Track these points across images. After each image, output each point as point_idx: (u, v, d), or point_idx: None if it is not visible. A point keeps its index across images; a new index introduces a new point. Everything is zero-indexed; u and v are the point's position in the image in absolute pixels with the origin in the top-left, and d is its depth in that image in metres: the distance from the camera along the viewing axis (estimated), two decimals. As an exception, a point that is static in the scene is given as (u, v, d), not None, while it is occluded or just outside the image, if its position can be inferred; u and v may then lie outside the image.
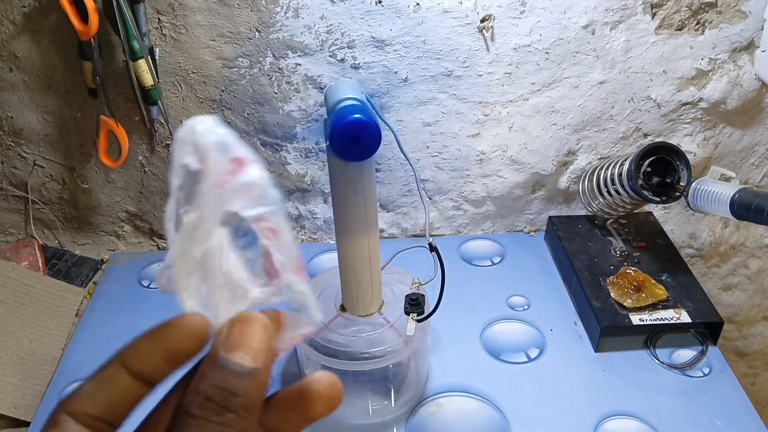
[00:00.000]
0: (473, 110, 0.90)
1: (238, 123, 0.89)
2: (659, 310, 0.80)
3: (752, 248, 1.09)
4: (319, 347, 0.66)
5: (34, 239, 0.98)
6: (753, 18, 0.86)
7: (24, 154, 0.92)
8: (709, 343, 0.81)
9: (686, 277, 0.85)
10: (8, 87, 0.85)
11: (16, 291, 0.86)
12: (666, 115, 0.93)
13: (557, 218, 0.98)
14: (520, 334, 0.84)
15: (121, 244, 1.02)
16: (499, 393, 0.76)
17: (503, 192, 0.97)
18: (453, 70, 0.86)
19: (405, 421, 0.72)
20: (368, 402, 0.73)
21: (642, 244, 0.91)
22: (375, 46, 0.83)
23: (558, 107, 0.91)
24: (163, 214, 0.99)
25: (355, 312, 0.69)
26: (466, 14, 0.82)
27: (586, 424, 0.72)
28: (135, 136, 0.89)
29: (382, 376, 0.71)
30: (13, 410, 0.75)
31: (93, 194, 0.96)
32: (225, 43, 0.82)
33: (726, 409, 0.73)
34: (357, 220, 0.62)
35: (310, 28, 0.82)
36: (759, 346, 1.20)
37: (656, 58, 0.88)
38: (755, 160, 1.01)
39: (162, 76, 0.84)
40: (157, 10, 0.79)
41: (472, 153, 0.93)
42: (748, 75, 0.90)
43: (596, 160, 0.96)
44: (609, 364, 0.80)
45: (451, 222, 1.02)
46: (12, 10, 0.79)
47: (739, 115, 0.95)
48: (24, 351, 0.80)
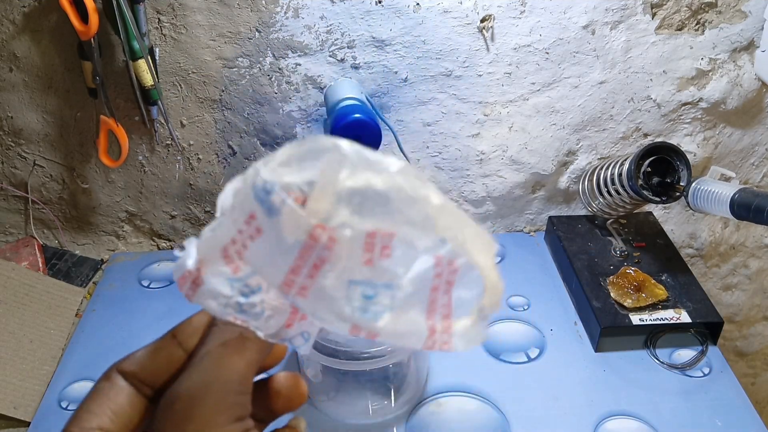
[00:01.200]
0: (473, 110, 0.90)
1: (238, 123, 0.89)
2: (659, 310, 0.80)
3: (752, 248, 1.09)
4: (319, 347, 0.66)
5: (34, 239, 0.98)
6: (753, 18, 0.86)
7: (24, 154, 0.92)
8: (709, 343, 0.81)
9: (686, 277, 0.85)
10: (8, 87, 0.85)
11: (16, 291, 0.86)
12: (666, 115, 0.93)
13: (557, 218, 0.98)
14: (520, 334, 0.84)
15: (121, 244, 1.02)
16: (499, 393, 0.76)
17: (503, 192, 0.97)
18: (453, 70, 0.86)
19: (405, 420, 0.72)
20: (368, 402, 0.73)
21: (642, 244, 0.91)
22: (375, 46, 0.83)
23: (558, 107, 0.91)
24: (163, 216, 0.98)
25: (355, 312, 0.69)
26: (466, 14, 0.82)
27: (586, 424, 0.72)
28: (135, 136, 0.89)
29: (383, 375, 0.71)
30: (13, 410, 0.75)
31: (93, 194, 0.96)
32: (225, 43, 0.82)
33: (726, 409, 0.73)
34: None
35: (310, 28, 0.82)
36: (759, 346, 1.20)
37: (656, 58, 0.88)
38: (755, 160, 1.01)
39: (162, 76, 0.84)
40: (157, 10, 0.79)
41: (472, 153, 0.93)
42: (748, 75, 0.90)
43: (596, 160, 0.96)
44: (609, 364, 0.80)
45: (451, 222, 1.02)
46: (12, 10, 0.79)
47: (739, 115, 0.95)
48: (24, 351, 0.80)
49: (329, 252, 0.27)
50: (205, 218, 0.99)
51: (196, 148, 0.91)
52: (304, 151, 0.29)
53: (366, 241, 0.28)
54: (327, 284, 0.28)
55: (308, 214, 0.27)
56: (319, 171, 0.28)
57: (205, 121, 0.89)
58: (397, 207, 0.28)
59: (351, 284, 0.28)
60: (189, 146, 0.91)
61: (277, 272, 0.28)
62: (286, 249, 0.28)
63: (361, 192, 0.28)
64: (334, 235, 0.27)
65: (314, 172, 0.28)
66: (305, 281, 0.28)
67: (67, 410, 0.75)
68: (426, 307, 0.29)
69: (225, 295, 0.31)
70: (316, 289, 0.28)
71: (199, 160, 0.92)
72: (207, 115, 0.88)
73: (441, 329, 0.30)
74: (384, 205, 0.28)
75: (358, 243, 0.28)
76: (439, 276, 0.29)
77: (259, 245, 0.29)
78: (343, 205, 0.28)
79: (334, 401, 0.73)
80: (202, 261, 0.31)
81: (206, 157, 0.92)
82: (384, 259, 0.28)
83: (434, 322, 0.30)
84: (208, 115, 0.88)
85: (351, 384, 0.72)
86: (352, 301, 0.28)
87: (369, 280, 0.28)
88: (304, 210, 0.27)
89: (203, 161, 0.93)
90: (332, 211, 0.27)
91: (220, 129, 0.90)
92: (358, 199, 0.28)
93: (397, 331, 0.29)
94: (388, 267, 0.28)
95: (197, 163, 0.93)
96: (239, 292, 0.30)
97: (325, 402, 0.73)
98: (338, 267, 0.28)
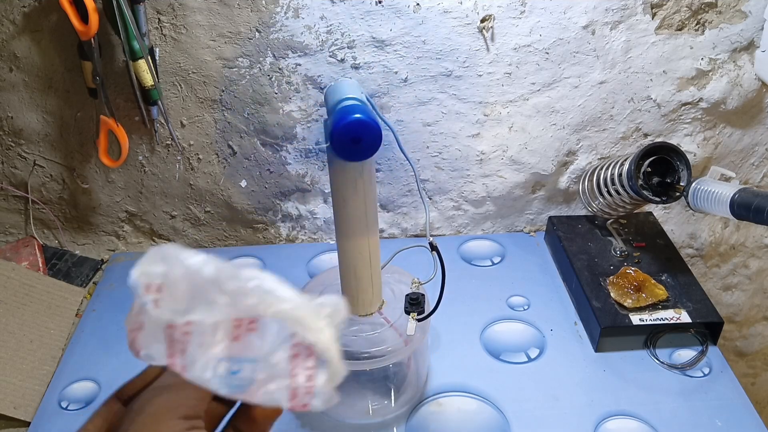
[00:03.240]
0: (473, 110, 0.90)
1: (238, 123, 0.89)
2: (659, 310, 0.80)
3: (752, 248, 1.09)
4: (319, 347, 0.66)
5: (34, 239, 0.98)
6: (753, 18, 0.86)
7: (24, 154, 0.92)
8: (709, 343, 0.81)
9: (686, 277, 0.85)
10: (8, 87, 0.85)
11: (16, 291, 0.86)
12: (666, 115, 0.93)
13: (557, 218, 0.98)
14: (520, 334, 0.84)
15: (121, 244, 1.02)
16: (499, 393, 0.76)
17: (503, 192, 0.97)
18: (453, 70, 0.86)
19: (405, 420, 0.72)
20: (368, 401, 0.73)
21: (642, 244, 0.91)
22: (375, 46, 0.83)
23: (558, 107, 0.91)
24: (163, 216, 0.98)
25: (356, 312, 0.69)
26: (466, 14, 0.82)
27: (586, 424, 0.72)
28: (135, 136, 0.89)
29: (383, 375, 0.71)
30: (13, 410, 0.75)
31: (93, 194, 0.96)
32: (225, 43, 0.82)
33: (726, 409, 0.73)
34: (357, 220, 0.62)
35: (310, 28, 0.82)
36: (759, 346, 1.20)
37: (656, 58, 0.88)
38: (755, 160, 1.01)
39: (162, 76, 0.84)
40: (157, 10, 0.79)
41: (472, 153, 0.93)
42: (748, 75, 0.90)
43: (596, 160, 0.96)
44: (609, 364, 0.80)
45: (451, 222, 1.02)
46: (12, 10, 0.79)
47: (739, 115, 0.95)
48: (24, 351, 0.80)
49: (187, 340, 0.34)
50: (205, 218, 0.99)
51: (196, 148, 0.91)
52: (157, 255, 0.37)
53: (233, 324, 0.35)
54: (196, 365, 0.34)
55: (161, 315, 0.34)
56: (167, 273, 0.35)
57: (205, 121, 0.89)
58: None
59: (219, 361, 0.35)
60: (189, 146, 0.91)
61: (162, 356, 0.35)
62: (161, 339, 0.35)
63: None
64: (188, 329, 0.34)
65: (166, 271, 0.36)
66: (182, 363, 0.35)
67: (67, 410, 0.75)
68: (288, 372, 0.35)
69: (207, 369, 0.36)
70: (190, 368, 0.34)
71: (199, 160, 0.92)
72: (207, 115, 0.88)
73: (303, 391, 0.35)
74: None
75: (213, 329, 0.34)
76: (297, 345, 0.35)
77: (145, 333, 0.35)
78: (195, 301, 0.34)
79: (333, 401, 0.73)
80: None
81: (206, 157, 0.92)
82: (249, 334, 0.35)
83: (296, 385, 0.35)
84: (208, 115, 0.88)
85: (351, 384, 0.72)
86: (219, 376, 0.35)
87: (234, 357, 0.35)
88: (158, 311, 0.34)
89: (203, 161, 0.93)
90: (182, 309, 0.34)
91: (220, 129, 0.90)
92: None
93: (263, 397, 0.35)
94: (252, 343, 0.35)
95: (197, 163, 0.93)
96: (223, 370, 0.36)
97: (325, 402, 0.73)
98: (200, 351, 0.34)
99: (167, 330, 0.34)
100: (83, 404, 0.76)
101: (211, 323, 0.34)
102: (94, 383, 0.78)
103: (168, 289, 0.35)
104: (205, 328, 0.34)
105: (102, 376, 0.78)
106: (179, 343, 0.34)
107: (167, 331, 0.34)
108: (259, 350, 0.35)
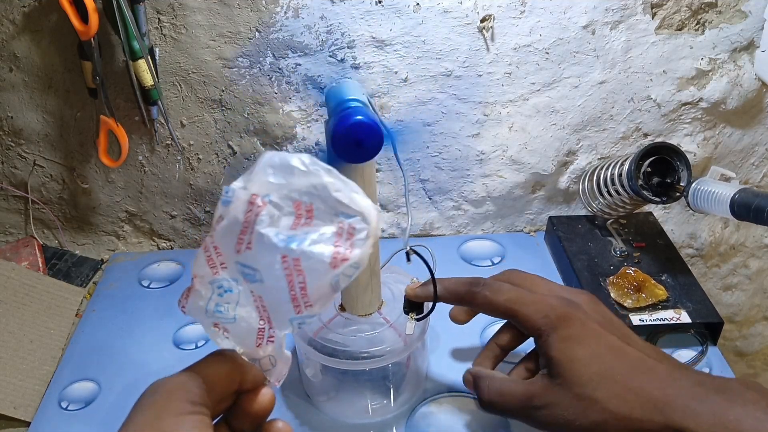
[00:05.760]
0: (473, 110, 0.90)
1: (238, 123, 0.89)
2: (659, 311, 0.80)
3: (752, 248, 1.09)
4: (319, 347, 0.66)
5: (34, 239, 0.98)
6: (753, 18, 0.86)
7: (24, 154, 0.92)
8: (709, 344, 0.81)
9: (686, 277, 0.85)
10: (8, 87, 0.85)
11: (16, 291, 0.86)
12: (666, 115, 0.93)
13: (557, 218, 0.98)
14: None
15: (121, 244, 1.02)
16: (498, 393, 0.75)
17: (503, 192, 0.97)
18: (453, 70, 0.86)
19: (405, 420, 0.72)
20: (368, 401, 0.73)
21: (642, 244, 0.91)
22: (375, 46, 0.83)
23: (558, 107, 0.91)
24: (163, 216, 0.99)
25: (355, 311, 0.69)
26: (466, 14, 0.82)
27: (586, 424, 0.72)
28: (135, 136, 0.90)
29: (382, 375, 0.71)
30: (13, 410, 0.75)
31: (93, 194, 0.96)
32: (225, 43, 0.82)
33: (726, 409, 0.73)
34: (357, 220, 0.62)
35: (310, 28, 0.82)
36: (759, 346, 1.20)
37: (656, 58, 0.88)
38: (755, 160, 1.01)
39: (162, 76, 0.84)
40: (157, 10, 0.80)
41: (472, 153, 0.93)
42: (748, 75, 0.90)
43: (596, 160, 0.96)
44: (609, 364, 0.79)
45: (451, 222, 1.02)
46: (12, 10, 0.79)
47: (739, 115, 0.95)
48: (24, 351, 0.80)
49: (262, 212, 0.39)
50: (205, 218, 0.99)
51: (196, 148, 0.91)
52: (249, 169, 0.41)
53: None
54: (264, 233, 0.38)
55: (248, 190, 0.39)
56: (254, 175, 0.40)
57: (205, 121, 0.89)
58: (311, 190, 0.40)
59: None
60: (189, 146, 0.91)
61: (231, 241, 0.39)
62: (235, 222, 0.39)
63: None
64: (265, 200, 0.39)
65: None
66: (249, 238, 0.39)
67: (67, 410, 0.75)
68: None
69: (204, 296, 0.41)
70: (256, 240, 0.39)
71: (199, 160, 0.92)
72: (207, 115, 0.88)
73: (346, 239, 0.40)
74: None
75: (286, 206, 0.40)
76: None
77: (221, 227, 0.40)
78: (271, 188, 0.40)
79: (333, 401, 0.73)
80: (195, 275, 0.42)
81: (206, 157, 0.92)
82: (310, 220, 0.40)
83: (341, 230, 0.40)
84: (208, 115, 0.88)
85: (350, 383, 0.72)
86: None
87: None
88: (245, 191, 0.39)
89: (203, 161, 0.93)
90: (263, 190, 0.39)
91: (220, 129, 0.90)
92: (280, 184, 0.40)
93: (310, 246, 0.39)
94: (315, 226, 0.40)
95: (197, 163, 0.93)
96: (216, 293, 0.41)
97: (325, 402, 0.73)
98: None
99: (248, 203, 0.39)
100: (83, 404, 0.76)
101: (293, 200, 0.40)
102: (94, 383, 0.78)
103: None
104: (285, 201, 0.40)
105: (102, 376, 0.78)
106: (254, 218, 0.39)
107: (247, 207, 0.39)
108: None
